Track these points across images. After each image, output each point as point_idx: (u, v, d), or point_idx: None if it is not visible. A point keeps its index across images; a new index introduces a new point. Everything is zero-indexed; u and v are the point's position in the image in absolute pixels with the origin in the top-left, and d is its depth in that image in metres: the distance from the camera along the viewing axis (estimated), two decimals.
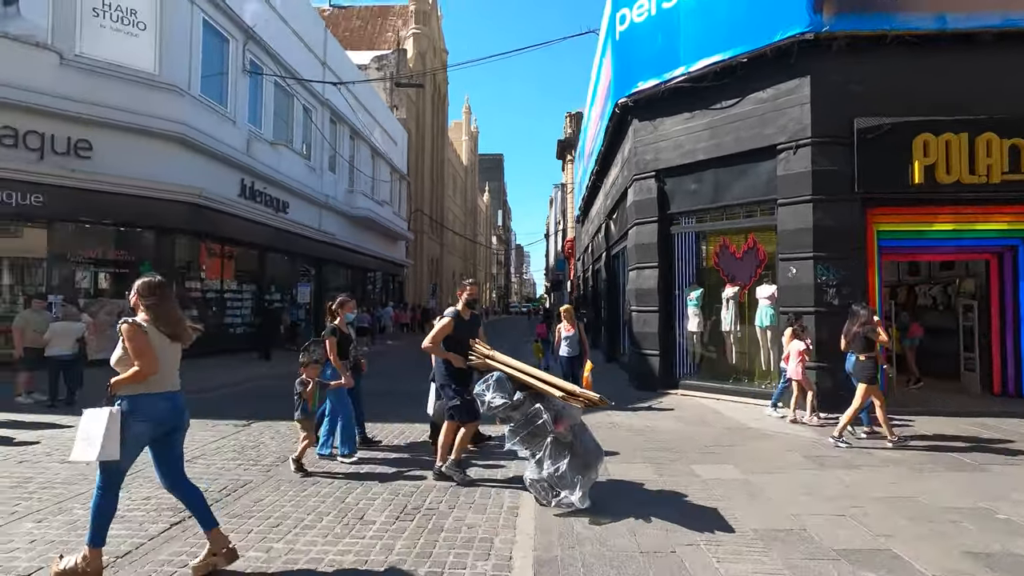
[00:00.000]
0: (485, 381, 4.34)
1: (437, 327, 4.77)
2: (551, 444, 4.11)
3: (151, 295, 3.00)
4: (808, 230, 7.70)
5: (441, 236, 43.43)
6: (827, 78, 7.72)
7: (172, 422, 3.01)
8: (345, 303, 5.79)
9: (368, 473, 4.97)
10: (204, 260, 14.36)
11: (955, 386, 9.42)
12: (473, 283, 5.16)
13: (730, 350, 9.31)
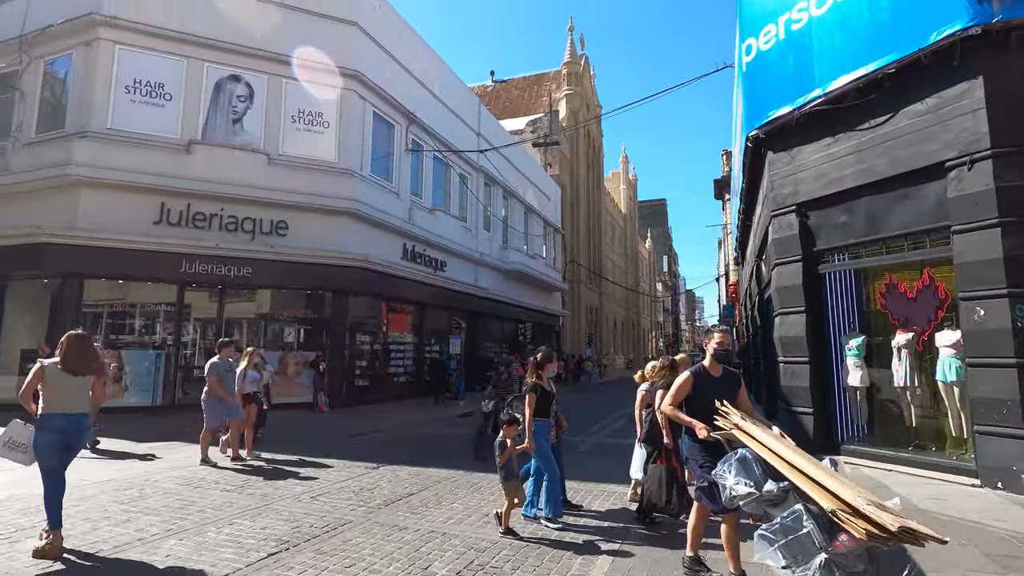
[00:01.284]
0: (727, 460, 3.30)
1: (675, 386, 3.98)
2: (822, 569, 2.70)
3: (61, 344, 4.23)
4: (997, 261, 6.17)
5: (600, 285, 43.38)
6: (1007, 76, 6.31)
7: (72, 434, 4.15)
8: (549, 359, 5.32)
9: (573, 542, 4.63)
10: (371, 316, 16.31)
11: None
12: (724, 330, 4.16)
13: (907, 410, 7.67)
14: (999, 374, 6.14)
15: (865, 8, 7.44)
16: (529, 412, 4.97)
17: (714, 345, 3.98)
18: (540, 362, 5.29)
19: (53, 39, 12.79)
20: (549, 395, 5.24)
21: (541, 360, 5.30)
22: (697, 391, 3.87)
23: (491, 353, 23.68)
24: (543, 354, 5.37)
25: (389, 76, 16.36)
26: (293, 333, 14.74)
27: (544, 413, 5.14)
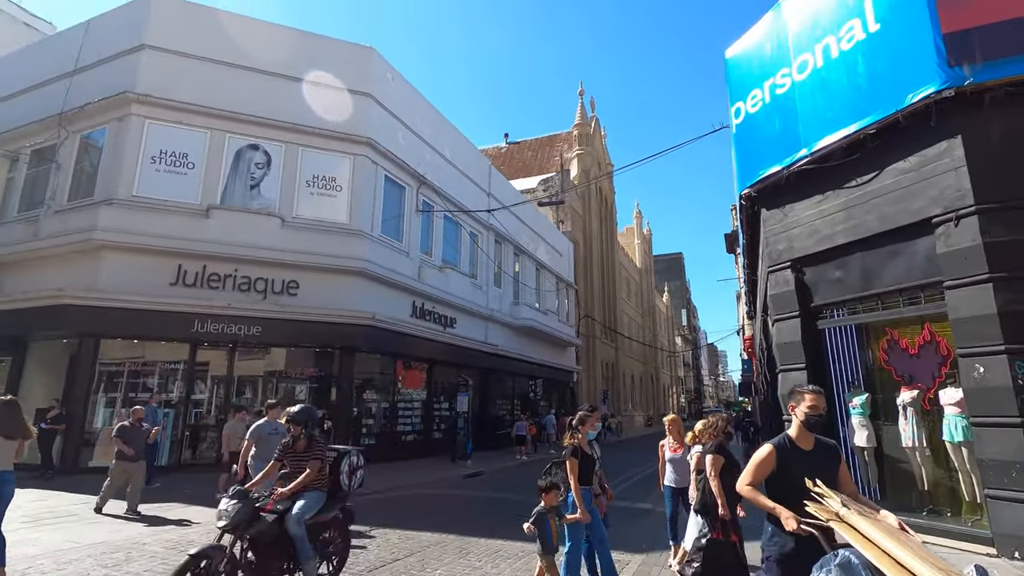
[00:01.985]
0: (825, 566, 2.49)
1: (754, 461, 3.10)
2: None
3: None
4: (992, 317, 6.07)
5: (615, 340, 43.02)
6: (986, 134, 6.43)
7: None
8: (587, 418, 4.96)
9: None
10: (380, 373, 16.37)
11: None
12: (817, 392, 3.16)
13: (918, 472, 7.34)
14: (1005, 434, 5.91)
15: (843, 73, 7.72)
16: (573, 479, 4.58)
17: (805, 410, 3.09)
18: (577, 422, 4.90)
19: (90, 115, 13.80)
20: (591, 460, 4.85)
21: (579, 420, 4.93)
22: (782, 469, 3.03)
23: (502, 411, 23.39)
24: (580, 415, 4.99)
25: (401, 142, 17.16)
26: (303, 391, 14.83)
27: (586, 480, 4.72)
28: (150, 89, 13.50)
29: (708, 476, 4.73)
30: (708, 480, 4.73)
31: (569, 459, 4.67)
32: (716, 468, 4.68)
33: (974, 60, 6.41)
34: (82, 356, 12.11)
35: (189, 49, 14.08)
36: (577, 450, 4.73)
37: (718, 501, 4.55)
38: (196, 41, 14.17)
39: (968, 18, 6.51)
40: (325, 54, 15.64)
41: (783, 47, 8.71)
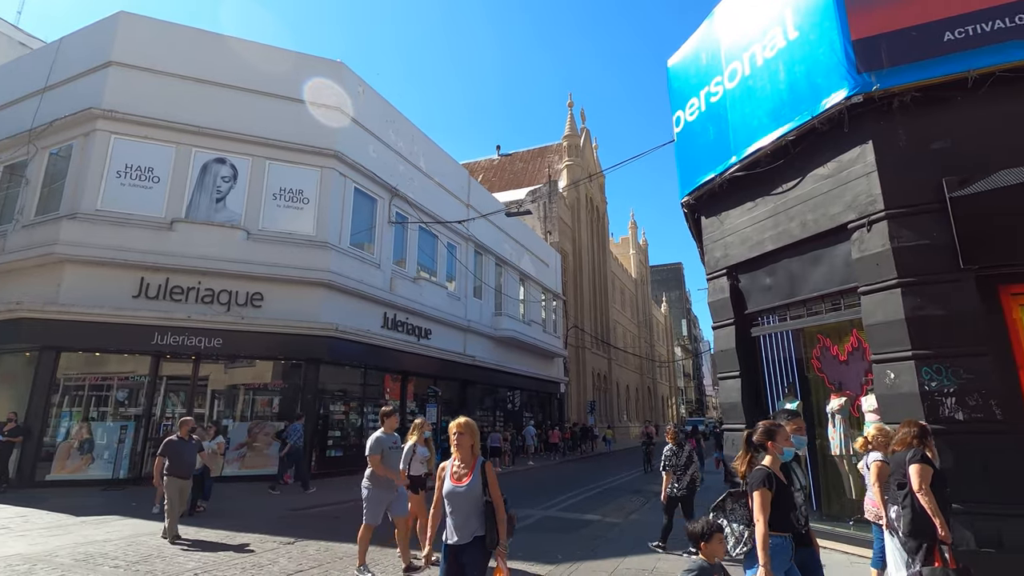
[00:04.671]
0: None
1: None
2: None
3: None
4: (900, 323, 6.03)
5: (608, 351, 42.82)
6: (895, 140, 6.42)
7: None
8: (777, 431, 3.56)
9: None
10: (348, 385, 16.36)
11: None
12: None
13: (847, 481, 7.24)
14: None
15: (767, 80, 7.75)
16: (763, 520, 3.23)
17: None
18: (763, 437, 3.55)
19: (57, 131, 14.01)
20: (788, 492, 3.43)
21: (764, 434, 3.56)
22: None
23: (483, 423, 23.28)
24: (766, 427, 3.61)
25: (372, 154, 17.30)
26: (266, 403, 14.80)
27: (784, 524, 3.36)
28: (116, 105, 13.71)
29: (916, 491, 3.98)
30: (917, 496, 3.98)
31: (760, 490, 3.28)
32: (926, 481, 3.98)
33: (882, 66, 6.42)
34: (40, 369, 12.19)
35: (156, 65, 14.30)
36: (771, 478, 3.34)
37: (935, 521, 3.87)
38: (163, 57, 14.40)
39: (875, 24, 6.53)
40: (294, 68, 15.85)
41: (716, 56, 8.77)
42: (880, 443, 4.80)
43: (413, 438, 6.60)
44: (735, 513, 3.58)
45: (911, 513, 4.01)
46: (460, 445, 3.59)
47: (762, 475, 3.37)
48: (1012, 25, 5.94)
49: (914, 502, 4.00)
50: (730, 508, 3.61)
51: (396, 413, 6.37)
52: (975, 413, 5.54)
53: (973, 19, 6.09)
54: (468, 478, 3.50)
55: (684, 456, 7.15)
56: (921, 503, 3.95)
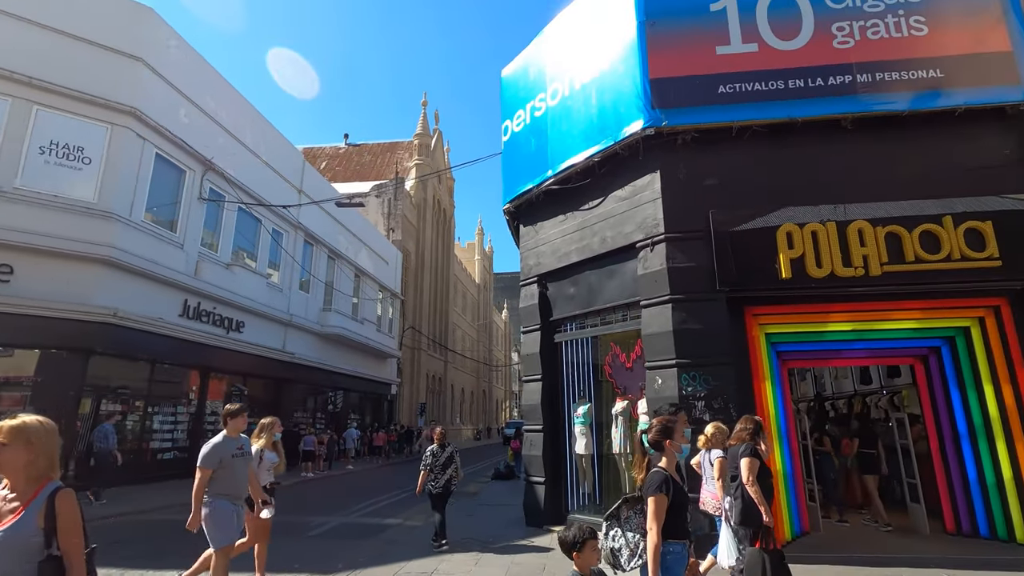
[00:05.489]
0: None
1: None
2: None
3: None
4: (668, 334, 6.78)
5: (445, 353, 42.98)
6: (677, 172, 7.26)
7: None
8: (673, 426, 3.31)
9: None
10: (131, 381, 14.07)
11: (908, 522, 7.65)
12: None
13: (623, 476, 7.96)
14: None
15: (582, 103, 8.30)
16: (656, 528, 2.98)
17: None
18: (658, 434, 3.27)
19: None
20: (683, 497, 3.18)
21: (660, 430, 3.28)
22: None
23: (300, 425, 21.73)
24: (662, 418, 3.34)
25: (183, 119, 15.18)
26: (18, 401, 12.08)
27: (679, 531, 3.14)
28: None
29: (745, 483, 4.30)
30: (747, 488, 4.29)
31: (656, 496, 3.01)
32: (753, 473, 4.28)
33: (671, 105, 7.22)
34: None
35: None
36: (669, 482, 3.07)
37: (761, 508, 4.21)
38: None
39: (669, 68, 7.34)
40: (88, 3, 13.31)
41: (542, 74, 9.18)
42: (719, 440, 5.07)
43: (260, 441, 5.54)
44: (630, 522, 3.25)
45: (741, 503, 4.31)
46: (5, 465, 2.13)
47: (659, 479, 3.07)
48: (765, 88, 7.06)
49: (744, 493, 4.29)
50: (624, 516, 3.28)
51: (244, 412, 5.00)
52: (718, 415, 6.40)
53: (738, 78, 7.14)
54: (12, 519, 2.08)
55: (444, 457, 7.29)
56: (750, 493, 4.27)
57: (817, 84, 7.00)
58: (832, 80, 6.99)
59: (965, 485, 6.95)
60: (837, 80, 6.99)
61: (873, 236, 6.57)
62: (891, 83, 6.90)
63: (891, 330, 7.21)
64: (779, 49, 7.19)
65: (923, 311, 6.99)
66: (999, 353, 6.77)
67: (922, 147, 6.93)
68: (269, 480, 5.62)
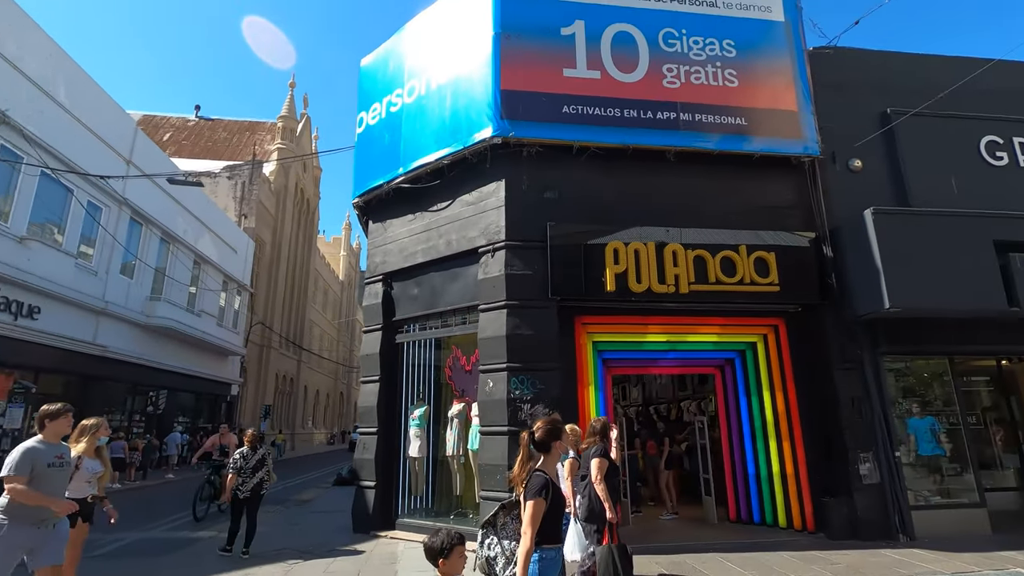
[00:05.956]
0: None
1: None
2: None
3: None
4: (502, 338, 6.97)
5: (299, 353, 40.35)
6: (520, 183, 7.53)
7: None
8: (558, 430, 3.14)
9: None
10: None
11: (702, 513, 8.65)
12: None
13: (454, 479, 8.02)
14: (498, 441, 6.75)
15: (437, 103, 8.29)
16: (531, 531, 2.82)
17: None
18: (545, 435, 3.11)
19: None
20: (561, 501, 3.03)
21: (547, 431, 3.13)
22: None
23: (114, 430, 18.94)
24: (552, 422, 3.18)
25: None
26: None
27: (553, 535, 2.98)
28: None
29: (594, 481, 4.50)
30: (594, 486, 4.49)
31: (535, 500, 2.84)
32: (602, 472, 4.52)
33: (519, 118, 7.48)
34: None
35: None
36: (549, 486, 2.90)
37: (606, 506, 4.44)
38: None
39: (520, 82, 7.61)
40: None
41: (401, 69, 9.02)
42: (571, 442, 5.02)
43: (79, 446, 4.68)
44: (507, 529, 3.12)
45: (588, 501, 4.52)
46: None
47: (540, 482, 2.90)
48: (604, 114, 7.61)
49: (591, 491, 4.49)
50: (501, 523, 3.15)
51: (68, 413, 4.15)
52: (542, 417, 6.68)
53: (581, 101, 7.62)
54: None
55: (255, 459, 6.87)
56: (597, 491, 4.47)
57: (648, 116, 7.70)
58: (660, 115, 7.74)
59: (746, 479, 8.02)
60: (664, 115, 7.75)
61: (684, 258, 7.36)
62: (707, 124, 7.81)
63: (698, 342, 8.11)
64: (618, 80, 7.79)
65: (722, 327, 7.96)
66: (776, 366, 7.94)
67: (728, 184, 7.93)
68: (90, 493, 4.78)
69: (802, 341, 7.87)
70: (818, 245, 7.84)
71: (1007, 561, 5.99)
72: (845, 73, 8.68)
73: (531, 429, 3.12)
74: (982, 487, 7.64)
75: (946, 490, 7.69)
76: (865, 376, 7.51)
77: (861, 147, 8.28)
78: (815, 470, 7.48)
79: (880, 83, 8.67)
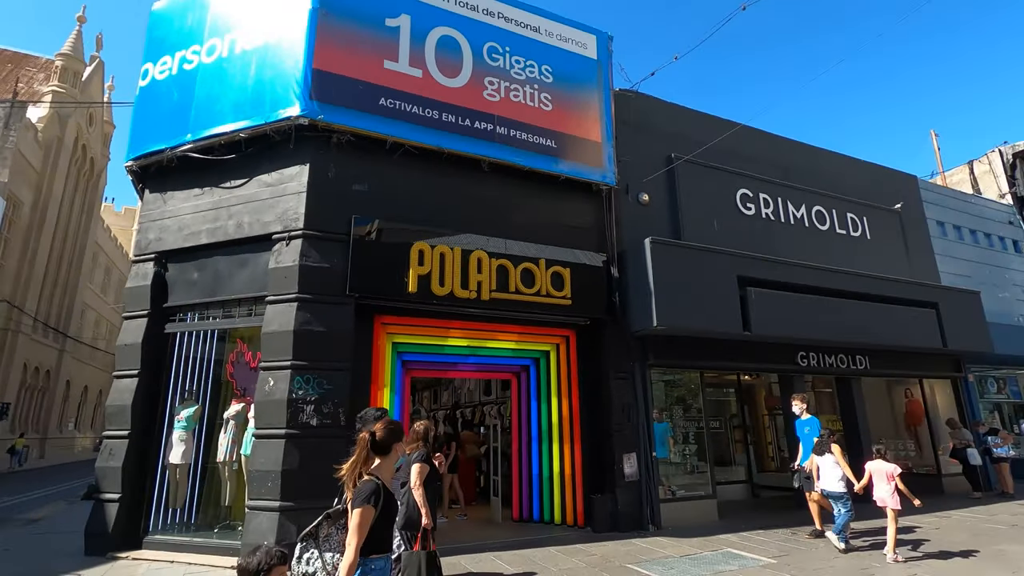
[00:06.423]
0: None
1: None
2: None
3: None
4: (288, 334, 6.45)
5: (63, 341, 33.45)
6: (327, 170, 7.10)
7: None
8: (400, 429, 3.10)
9: None
10: None
11: (490, 513, 8.96)
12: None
13: (224, 487, 7.19)
14: (273, 445, 6.19)
15: (240, 69, 7.46)
16: (356, 541, 2.62)
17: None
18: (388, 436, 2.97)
19: None
20: (393, 508, 2.94)
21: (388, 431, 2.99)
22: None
23: None
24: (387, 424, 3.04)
25: None
26: None
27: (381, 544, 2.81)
28: None
29: (412, 487, 4.49)
30: (412, 491, 4.48)
31: (363, 507, 2.67)
32: (422, 478, 4.54)
33: (331, 102, 7.05)
34: None
35: None
36: (379, 492, 2.76)
37: (423, 512, 4.44)
38: None
39: (335, 64, 7.19)
40: None
41: (202, 24, 7.96)
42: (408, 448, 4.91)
43: None
44: (331, 540, 2.88)
45: (406, 508, 4.44)
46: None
47: (370, 489, 2.73)
48: (423, 114, 7.55)
49: (410, 498, 4.47)
50: (325, 535, 2.89)
51: None
52: (325, 419, 6.32)
53: (400, 97, 7.46)
54: None
55: None
56: (415, 497, 4.45)
57: (466, 124, 7.81)
58: (478, 124, 7.91)
59: (531, 479, 8.49)
60: (482, 125, 7.93)
61: (488, 265, 7.58)
62: (520, 140, 8.18)
63: (497, 348, 8.40)
64: (440, 82, 7.79)
65: (520, 335, 8.36)
66: (564, 373, 8.56)
67: (535, 200, 8.39)
68: None
69: (588, 352, 8.61)
70: (608, 266, 8.65)
71: (723, 543, 7.15)
72: (642, 116, 9.80)
73: (371, 430, 2.92)
74: (715, 481, 9.09)
75: (692, 484, 8.98)
76: (635, 385, 8.46)
77: (649, 183, 9.39)
78: (589, 470, 8.19)
79: (668, 130, 9.96)
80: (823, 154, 12.19)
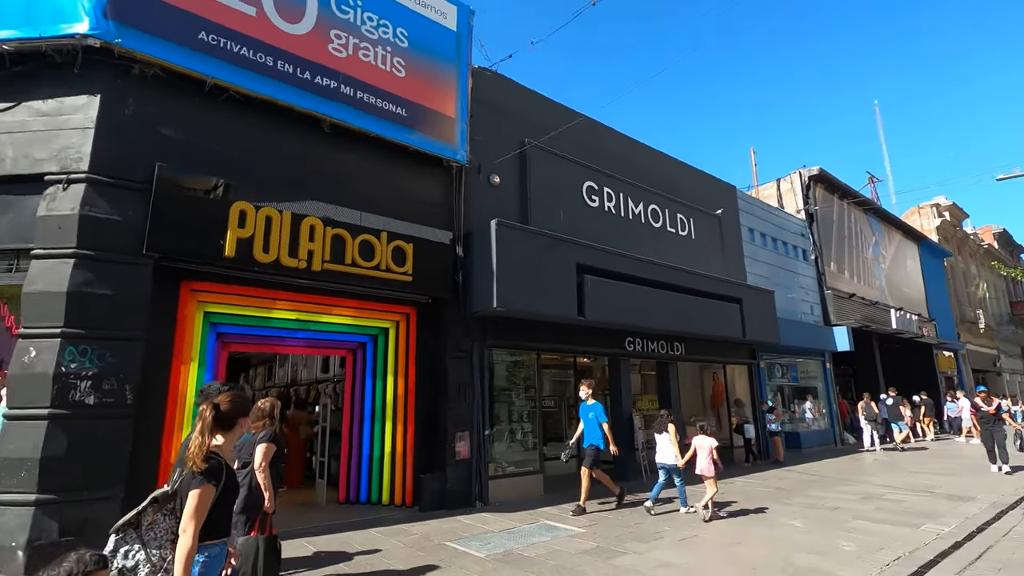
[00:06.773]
0: None
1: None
2: None
3: None
4: (61, 295, 5.40)
5: None
6: (124, 106, 6.02)
7: None
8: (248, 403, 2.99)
9: None
10: None
11: (314, 496, 8.50)
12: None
13: None
14: (31, 427, 5.17)
15: None
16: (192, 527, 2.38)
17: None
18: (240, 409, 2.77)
19: None
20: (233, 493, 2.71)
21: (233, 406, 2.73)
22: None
23: None
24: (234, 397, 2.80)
25: None
26: None
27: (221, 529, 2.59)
28: None
29: (257, 468, 4.16)
30: (255, 473, 4.16)
31: (204, 487, 2.41)
32: (267, 459, 4.22)
33: (134, 25, 5.95)
34: None
35: None
36: (220, 470, 2.51)
37: (266, 495, 4.18)
38: None
39: None
40: None
41: None
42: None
43: None
44: (156, 528, 2.55)
45: (247, 490, 4.08)
46: None
47: (213, 466, 2.49)
48: (253, 58, 6.72)
49: (252, 480, 4.14)
50: (148, 523, 2.54)
51: None
52: (106, 398, 5.42)
53: (227, 34, 6.55)
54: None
55: None
56: (258, 479, 4.15)
57: (305, 77, 7.12)
58: (320, 80, 7.25)
59: (360, 460, 8.18)
60: (324, 82, 7.30)
61: (323, 234, 7.04)
62: (368, 104, 7.69)
63: (332, 324, 7.89)
64: (277, 26, 6.99)
65: (357, 310, 7.94)
66: (403, 351, 8.34)
67: (383, 169, 7.98)
68: None
69: (428, 330, 8.47)
70: (454, 244, 8.55)
71: (543, 516, 7.51)
72: (499, 96, 9.79)
73: (215, 401, 2.66)
74: (543, 457, 9.54)
75: (523, 461, 9.32)
76: (472, 364, 8.51)
77: (501, 165, 9.43)
78: (420, 449, 8.10)
79: (523, 114, 10.07)
80: (662, 157, 13.27)
